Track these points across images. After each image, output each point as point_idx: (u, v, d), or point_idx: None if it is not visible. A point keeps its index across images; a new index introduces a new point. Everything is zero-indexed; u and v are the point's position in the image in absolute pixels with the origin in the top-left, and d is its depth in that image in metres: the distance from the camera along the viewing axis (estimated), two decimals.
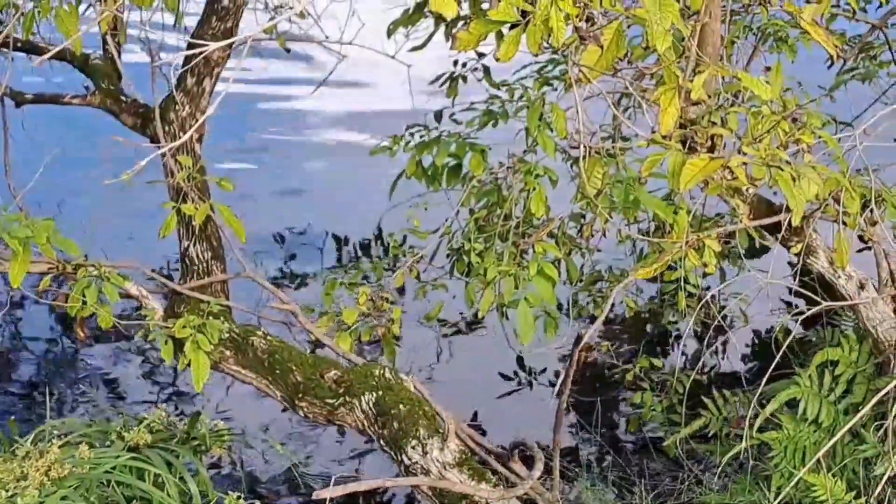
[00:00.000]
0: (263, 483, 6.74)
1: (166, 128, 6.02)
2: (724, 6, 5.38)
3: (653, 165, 4.75)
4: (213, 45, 3.46)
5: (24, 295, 7.83)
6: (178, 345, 5.65)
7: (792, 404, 5.97)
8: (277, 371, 5.78)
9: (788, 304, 8.02)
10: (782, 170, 4.60)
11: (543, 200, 5.94)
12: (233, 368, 5.87)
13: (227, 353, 5.84)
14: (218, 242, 6.10)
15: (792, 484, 5.48)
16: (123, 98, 6.41)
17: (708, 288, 7.18)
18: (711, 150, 4.99)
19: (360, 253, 9.20)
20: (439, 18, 6.80)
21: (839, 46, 5.04)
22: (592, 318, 7.46)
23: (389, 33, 7.09)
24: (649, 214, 6.49)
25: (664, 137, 4.63)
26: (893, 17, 7.12)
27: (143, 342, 6.70)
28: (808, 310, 5.50)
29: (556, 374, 7.70)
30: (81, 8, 5.48)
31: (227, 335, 5.79)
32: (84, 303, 5.44)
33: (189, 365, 5.61)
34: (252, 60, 9.37)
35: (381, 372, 5.65)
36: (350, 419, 5.68)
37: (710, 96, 4.93)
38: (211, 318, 5.72)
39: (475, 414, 7.35)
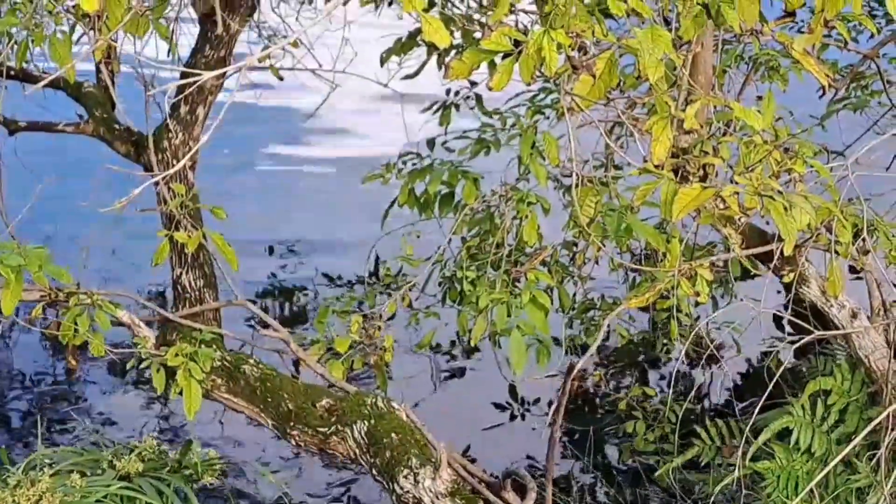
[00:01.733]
0: None
1: (159, 156, 6.03)
2: (715, 36, 5.41)
3: (645, 194, 4.76)
4: (206, 75, 3.47)
5: (15, 322, 7.82)
6: (170, 373, 5.63)
7: (784, 434, 5.96)
8: (269, 399, 5.77)
9: (781, 332, 8.03)
10: (774, 199, 4.61)
11: (536, 228, 5.94)
12: (224, 396, 5.86)
13: (219, 381, 5.83)
14: (210, 270, 6.10)
15: None
16: (117, 126, 6.42)
17: (698, 318, 7.18)
18: (704, 179, 5.00)
19: (352, 280, 9.20)
20: (432, 47, 6.83)
21: (831, 76, 5.06)
22: (585, 347, 7.45)
23: (382, 62, 7.11)
24: (642, 243, 6.50)
25: (656, 166, 4.64)
26: (885, 48, 7.14)
27: (135, 370, 6.69)
28: (801, 338, 5.50)
29: (549, 403, 7.69)
30: (75, 36, 5.49)
31: (218, 363, 5.78)
32: (76, 331, 5.43)
33: (181, 393, 5.59)
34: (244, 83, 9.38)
35: (374, 400, 5.64)
36: (342, 448, 5.66)
37: (702, 125, 4.94)
38: (203, 345, 5.71)
39: (468, 443, 7.34)
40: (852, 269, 5.67)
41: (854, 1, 4.45)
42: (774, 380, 5.43)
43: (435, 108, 7.36)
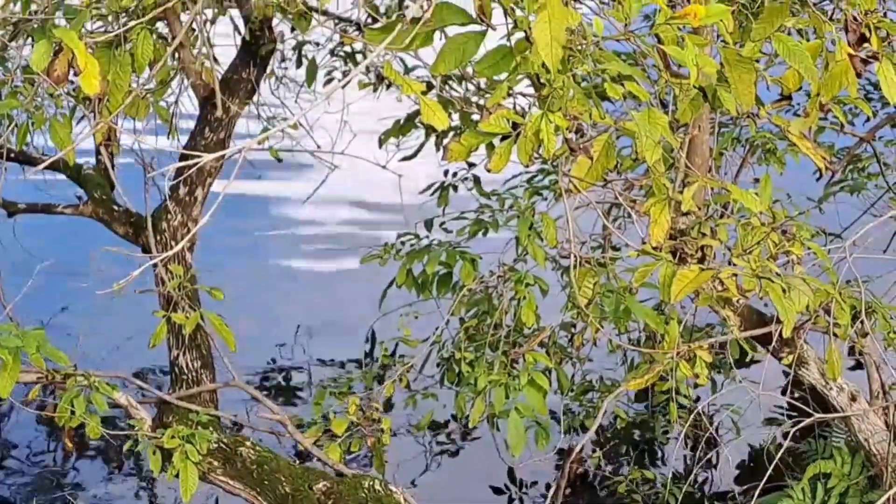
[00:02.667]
0: None
1: (158, 237, 6.04)
2: (712, 118, 5.44)
3: (644, 276, 4.76)
4: (206, 157, 3.49)
5: (12, 404, 7.79)
6: (167, 455, 5.60)
7: None
8: (265, 482, 5.73)
9: (781, 414, 7.99)
10: (772, 281, 4.61)
11: (534, 310, 5.94)
12: (221, 479, 5.82)
13: (216, 463, 5.79)
14: (207, 351, 6.09)
15: None
16: (115, 207, 6.44)
17: (698, 399, 7.16)
18: (702, 260, 5.00)
19: (350, 361, 9.16)
20: (430, 129, 6.87)
21: (827, 159, 5.09)
22: (584, 429, 7.42)
23: (381, 143, 7.16)
24: (640, 324, 6.49)
25: (654, 248, 4.65)
26: (881, 130, 7.19)
27: (132, 452, 6.65)
28: (800, 421, 5.48)
29: (548, 487, 7.64)
30: (74, 119, 5.53)
31: (215, 445, 5.75)
32: (72, 413, 5.41)
33: (177, 475, 5.56)
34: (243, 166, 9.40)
35: (371, 483, 5.61)
36: None
37: (699, 207, 4.96)
38: (200, 427, 5.68)
39: None
40: (851, 352, 5.66)
41: (850, 85, 4.48)
42: (774, 463, 5.40)
43: (433, 189, 7.39)
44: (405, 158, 7.37)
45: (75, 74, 3.85)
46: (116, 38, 4.37)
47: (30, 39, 5.30)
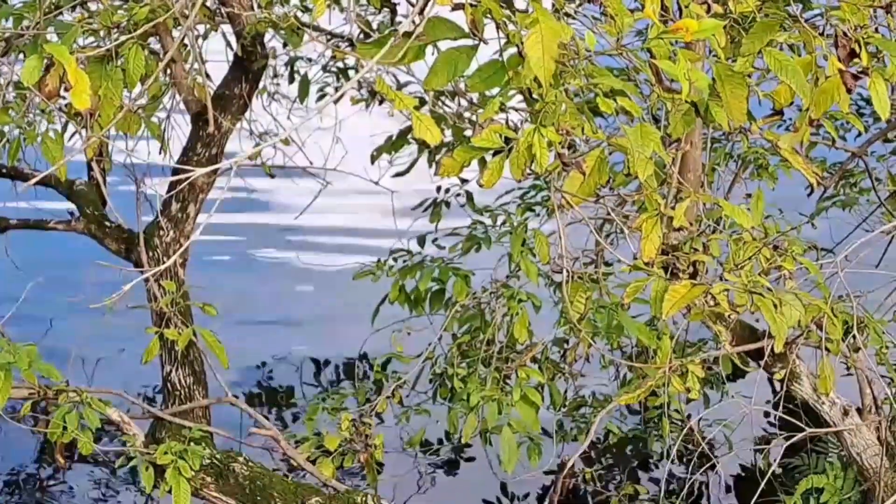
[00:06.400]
0: None
1: (150, 253, 6.04)
2: (704, 134, 5.45)
3: (635, 292, 4.76)
4: (198, 171, 3.49)
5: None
6: (159, 471, 5.59)
7: None
8: (258, 498, 5.72)
9: (773, 428, 7.99)
10: (764, 296, 4.62)
11: (526, 325, 5.95)
12: (213, 495, 5.81)
13: (208, 479, 5.78)
14: (200, 367, 6.08)
15: None
16: (108, 223, 6.43)
17: (689, 416, 7.15)
18: (694, 276, 5.01)
19: (342, 377, 9.15)
20: (423, 145, 6.88)
21: (819, 174, 5.09)
22: (576, 443, 7.40)
23: (373, 159, 7.16)
24: (633, 340, 6.49)
25: (646, 264, 4.65)
26: (872, 145, 7.20)
27: (124, 469, 6.63)
28: (793, 436, 5.48)
29: (540, 501, 7.63)
30: (66, 135, 5.53)
31: (208, 461, 5.74)
32: (65, 429, 5.40)
33: (170, 492, 5.55)
34: (235, 181, 9.39)
35: (364, 499, 5.60)
36: None
37: (691, 223, 4.96)
38: (192, 443, 5.67)
39: None
40: (847, 368, 5.67)
41: (841, 100, 4.49)
42: (766, 478, 5.40)
43: (426, 205, 7.40)
44: (398, 174, 7.38)
45: (66, 90, 3.85)
46: (108, 53, 4.37)
47: (21, 55, 5.30)
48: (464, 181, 7.26)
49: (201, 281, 6.84)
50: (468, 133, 6.15)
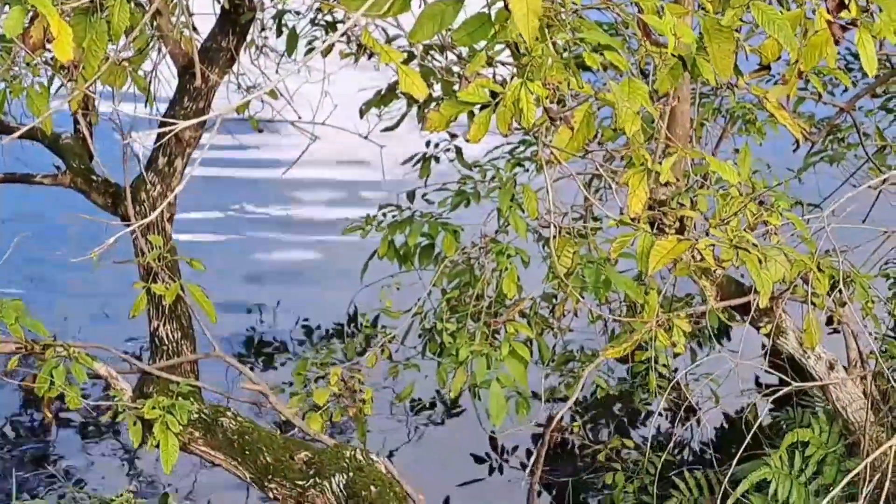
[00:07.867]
0: None
1: (137, 207, 6.02)
2: (692, 89, 5.43)
3: (622, 247, 4.76)
4: (183, 124, 3.47)
5: None
6: (147, 426, 5.60)
7: (763, 485, 5.95)
8: (247, 452, 5.73)
9: (759, 384, 8.02)
10: (749, 251, 4.62)
11: (515, 280, 5.95)
12: (202, 449, 5.82)
13: (197, 434, 5.79)
14: (188, 322, 6.08)
15: None
16: (94, 178, 6.41)
17: (676, 370, 7.18)
18: (680, 231, 5.01)
19: (332, 333, 9.17)
20: (411, 99, 6.85)
21: (806, 129, 5.09)
22: (565, 398, 7.43)
23: (362, 114, 7.14)
24: (620, 295, 6.50)
25: (633, 219, 4.65)
26: (860, 100, 7.19)
27: (112, 423, 6.65)
28: (779, 390, 5.50)
29: (528, 454, 7.66)
30: (52, 88, 5.49)
31: (196, 416, 5.75)
32: (52, 383, 5.40)
33: (158, 446, 5.56)
34: (224, 138, 9.38)
35: (352, 453, 5.62)
36: (320, 501, 5.63)
37: (678, 178, 4.96)
38: (180, 398, 5.68)
39: (447, 495, 7.30)
40: (829, 321, 5.68)
41: (829, 56, 4.48)
42: (752, 431, 5.42)
43: (415, 160, 7.38)
44: (387, 129, 7.36)
45: (50, 41, 3.82)
46: (92, 5, 4.33)
47: (6, 7, 5.26)
48: (453, 136, 7.24)
49: (190, 236, 6.84)
50: (456, 87, 6.13)
